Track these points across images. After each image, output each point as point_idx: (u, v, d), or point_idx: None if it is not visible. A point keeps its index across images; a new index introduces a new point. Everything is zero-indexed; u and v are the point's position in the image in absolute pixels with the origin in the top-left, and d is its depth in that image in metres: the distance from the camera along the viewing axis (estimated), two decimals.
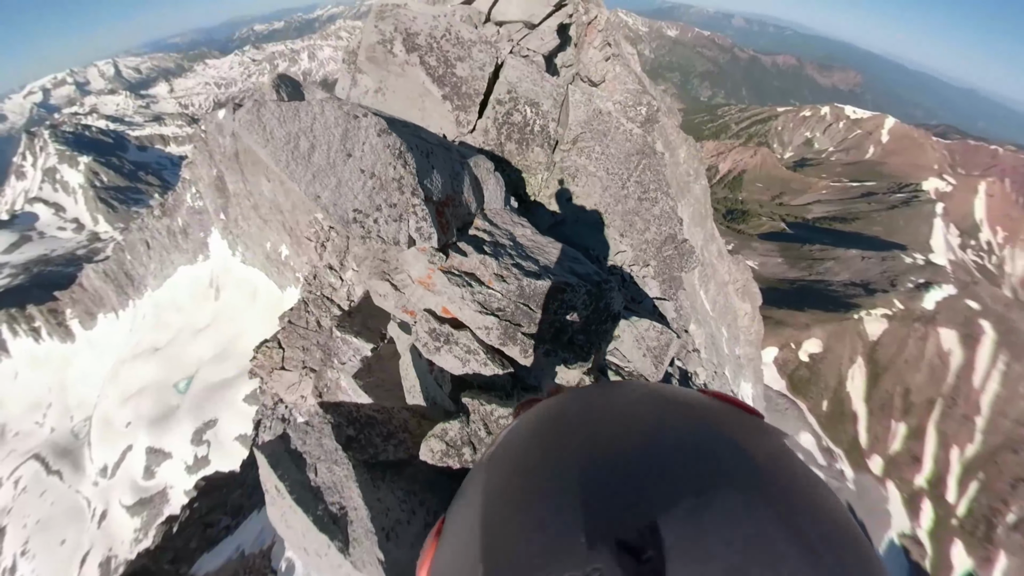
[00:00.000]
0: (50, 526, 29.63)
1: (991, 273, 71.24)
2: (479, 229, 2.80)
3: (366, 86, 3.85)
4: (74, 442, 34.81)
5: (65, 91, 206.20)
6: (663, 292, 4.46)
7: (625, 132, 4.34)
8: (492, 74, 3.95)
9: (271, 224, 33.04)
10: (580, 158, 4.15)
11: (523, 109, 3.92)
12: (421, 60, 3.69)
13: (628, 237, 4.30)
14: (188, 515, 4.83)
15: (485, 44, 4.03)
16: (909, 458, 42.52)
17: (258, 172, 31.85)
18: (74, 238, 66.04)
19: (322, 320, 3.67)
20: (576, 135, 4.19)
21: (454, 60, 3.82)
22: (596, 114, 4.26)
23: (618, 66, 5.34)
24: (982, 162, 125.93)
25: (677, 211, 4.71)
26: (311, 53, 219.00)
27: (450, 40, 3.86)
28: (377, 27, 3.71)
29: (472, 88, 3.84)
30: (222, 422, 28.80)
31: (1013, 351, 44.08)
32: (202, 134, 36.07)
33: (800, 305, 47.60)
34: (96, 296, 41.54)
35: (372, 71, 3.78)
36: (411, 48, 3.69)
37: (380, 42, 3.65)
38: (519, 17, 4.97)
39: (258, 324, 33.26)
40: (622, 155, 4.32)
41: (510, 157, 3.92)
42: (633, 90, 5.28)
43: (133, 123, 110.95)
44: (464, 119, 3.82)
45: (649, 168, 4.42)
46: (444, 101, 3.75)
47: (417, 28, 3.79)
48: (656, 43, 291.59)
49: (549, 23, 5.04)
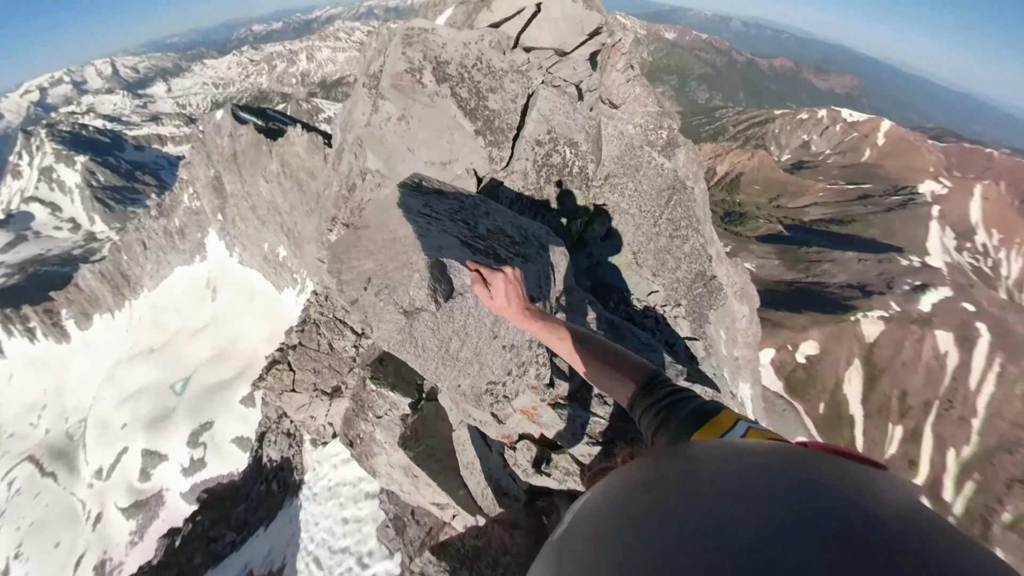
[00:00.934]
0: (44, 528, 29.39)
1: (987, 275, 71.71)
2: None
3: (388, 112, 3.68)
4: (69, 444, 34.56)
5: (62, 90, 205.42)
6: (693, 331, 4.34)
7: (656, 167, 4.25)
8: (523, 105, 3.83)
9: (269, 225, 32.93)
10: (613, 195, 4.08)
11: (562, 150, 3.78)
12: (452, 92, 3.50)
13: (660, 276, 4.22)
14: (191, 529, 4.77)
15: (517, 74, 3.89)
16: (905, 461, 42.71)
17: (256, 173, 31.77)
18: (70, 238, 65.69)
19: (334, 343, 3.60)
20: (609, 171, 4.10)
21: (486, 92, 3.66)
22: (629, 148, 4.17)
23: (638, 87, 5.22)
24: (978, 165, 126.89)
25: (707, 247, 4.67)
26: (309, 54, 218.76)
27: (481, 70, 3.70)
28: (405, 54, 3.51)
29: (505, 122, 3.69)
30: (219, 424, 28.66)
31: (1009, 353, 44.37)
32: (200, 134, 35.99)
33: (797, 307, 47.78)
34: (92, 296, 41.32)
35: (396, 98, 3.61)
36: (441, 78, 3.49)
37: (408, 71, 3.46)
38: (550, 44, 4.75)
39: (256, 325, 33.14)
40: (654, 191, 4.24)
41: (550, 200, 3.81)
42: (654, 112, 5.19)
43: (130, 123, 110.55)
44: (497, 155, 3.66)
45: (680, 204, 4.36)
46: (477, 136, 3.58)
47: (447, 56, 3.60)
48: (654, 46, 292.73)
49: (581, 51, 4.83)
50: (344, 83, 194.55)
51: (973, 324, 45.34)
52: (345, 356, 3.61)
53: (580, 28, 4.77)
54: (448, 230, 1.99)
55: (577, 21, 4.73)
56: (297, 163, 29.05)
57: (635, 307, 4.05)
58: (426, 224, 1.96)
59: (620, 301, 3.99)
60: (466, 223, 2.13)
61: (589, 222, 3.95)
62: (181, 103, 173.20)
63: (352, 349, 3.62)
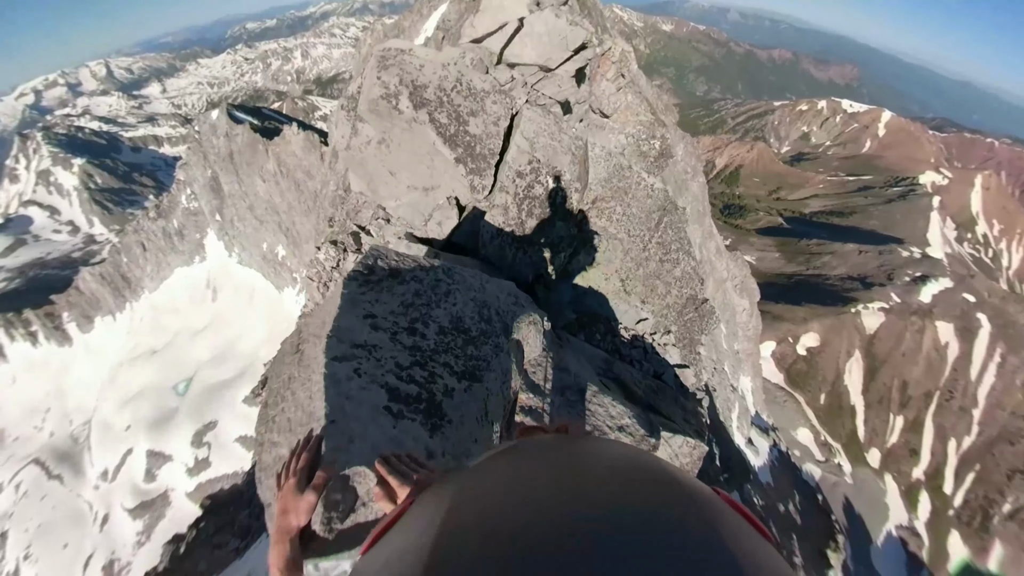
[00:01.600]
0: (52, 530, 29.61)
1: (987, 266, 71.64)
2: (523, 408, 2.33)
3: (368, 136, 3.54)
4: (74, 446, 34.73)
5: (57, 92, 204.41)
6: (683, 358, 4.16)
7: (646, 188, 4.10)
8: (507, 127, 3.68)
9: (267, 224, 32.90)
10: (600, 220, 3.91)
11: (545, 180, 3.58)
12: (431, 117, 3.36)
13: (649, 303, 4.06)
14: (195, 535, 4.77)
15: (499, 94, 3.74)
16: (907, 451, 42.87)
17: (253, 172, 31.69)
18: (69, 241, 65.65)
19: None
20: (596, 195, 3.93)
21: (466, 115, 3.51)
22: (617, 170, 4.01)
23: (630, 95, 5.05)
24: (978, 155, 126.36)
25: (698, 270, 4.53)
26: (304, 51, 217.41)
27: (461, 92, 3.55)
28: (380, 79, 3.36)
29: (487, 148, 3.53)
30: (222, 424, 28.78)
31: (1009, 343, 44.41)
32: (196, 135, 35.84)
33: (798, 299, 47.79)
34: (93, 299, 41.35)
35: (375, 121, 3.48)
36: (419, 103, 3.35)
37: (384, 96, 3.32)
38: (535, 61, 4.58)
39: (256, 325, 33.19)
40: (643, 214, 4.06)
41: (531, 234, 3.58)
42: (646, 121, 5.01)
43: (126, 124, 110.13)
44: (479, 184, 3.50)
45: (671, 226, 4.20)
46: (458, 164, 3.43)
47: (425, 79, 3.44)
48: (651, 38, 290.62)
49: (567, 67, 4.65)
50: (340, 80, 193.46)
51: (974, 315, 45.34)
52: None
53: (565, 44, 4.63)
54: (377, 378, 1.67)
55: (561, 37, 4.59)
56: (294, 162, 28.96)
57: (622, 338, 3.88)
58: (347, 380, 1.64)
59: (607, 332, 3.84)
60: (413, 328, 1.87)
61: (574, 253, 3.80)
62: (176, 103, 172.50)
63: None
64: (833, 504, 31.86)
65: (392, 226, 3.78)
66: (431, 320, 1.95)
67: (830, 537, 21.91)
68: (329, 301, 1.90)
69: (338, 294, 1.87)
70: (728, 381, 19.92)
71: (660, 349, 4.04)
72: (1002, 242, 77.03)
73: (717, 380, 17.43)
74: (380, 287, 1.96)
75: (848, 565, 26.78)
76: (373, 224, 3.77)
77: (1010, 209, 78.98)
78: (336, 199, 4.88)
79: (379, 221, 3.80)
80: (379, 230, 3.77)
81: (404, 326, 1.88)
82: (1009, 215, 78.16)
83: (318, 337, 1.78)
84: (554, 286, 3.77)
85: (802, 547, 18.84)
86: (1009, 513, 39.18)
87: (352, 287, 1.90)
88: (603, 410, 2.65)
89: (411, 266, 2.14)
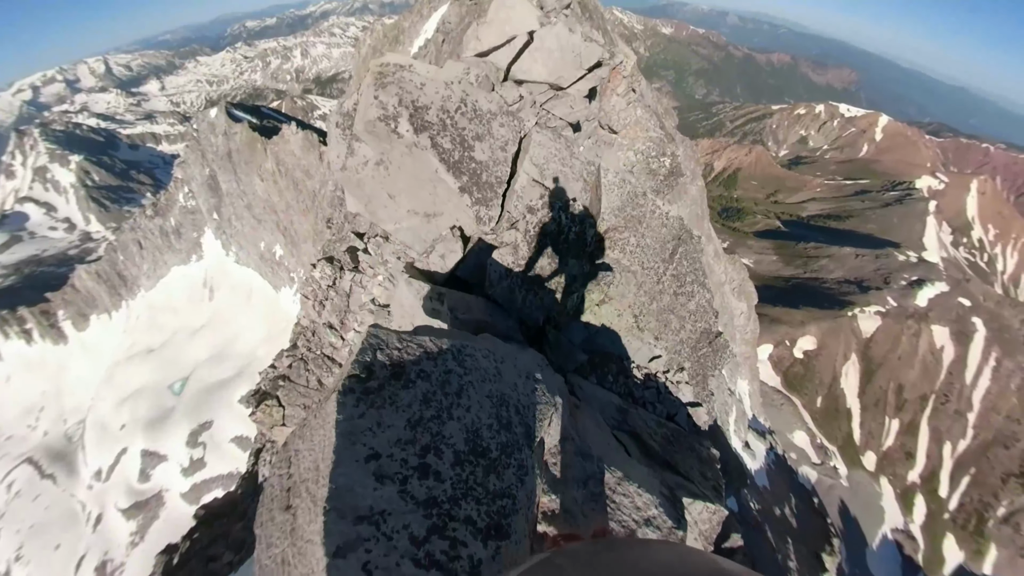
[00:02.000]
0: (45, 531, 29.37)
1: (983, 270, 72.06)
2: (546, 514, 2.02)
3: (365, 156, 3.26)
4: (68, 445, 34.49)
5: (55, 89, 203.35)
6: (696, 396, 3.96)
7: (661, 216, 3.88)
8: (515, 152, 3.42)
9: (265, 224, 32.80)
10: (614, 251, 3.72)
11: (558, 216, 3.32)
12: (433, 142, 3.10)
13: (663, 340, 3.86)
14: (189, 546, 4.73)
15: (507, 116, 3.46)
16: (902, 454, 43.03)
17: (251, 171, 31.60)
18: (66, 238, 65.26)
19: (323, 379, 3.49)
20: (609, 225, 3.71)
21: (471, 139, 3.24)
22: (631, 198, 3.78)
23: (639, 109, 4.84)
24: (974, 160, 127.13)
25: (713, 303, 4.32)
26: (304, 50, 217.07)
27: (466, 113, 3.27)
28: (378, 99, 3.08)
29: (494, 175, 3.27)
30: (218, 423, 28.63)
31: (1004, 348, 44.66)
32: (194, 133, 35.71)
33: (795, 303, 47.94)
34: (89, 297, 41.11)
35: (372, 142, 3.20)
36: (420, 127, 3.08)
37: (382, 118, 3.05)
38: (545, 79, 4.22)
39: (254, 324, 33.05)
40: (657, 244, 3.84)
41: (542, 275, 3.33)
42: (656, 137, 4.79)
43: (124, 121, 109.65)
44: (485, 215, 3.23)
45: (686, 256, 3.99)
46: (463, 194, 3.16)
47: (426, 100, 3.16)
48: (651, 41, 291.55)
49: (579, 86, 4.32)
50: (339, 79, 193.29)
51: (969, 319, 45.58)
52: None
53: (578, 62, 4.25)
54: (392, 570, 1.31)
55: (575, 54, 4.22)
56: (292, 161, 28.89)
57: (635, 378, 3.72)
58: (360, 541, 1.33)
59: (620, 372, 3.67)
60: (426, 467, 1.53)
61: (586, 289, 3.60)
62: (175, 101, 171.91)
63: None
64: (829, 507, 31.94)
65: (391, 244, 3.57)
66: (444, 445, 1.62)
67: (826, 540, 21.94)
68: (323, 424, 1.57)
69: (332, 419, 1.54)
70: (726, 385, 19.94)
71: (673, 388, 3.87)
72: (997, 247, 77.52)
73: (715, 384, 17.45)
74: (381, 398, 1.65)
75: (843, 568, 26.83)
76: (372, 241, 3.61)
77: (1005, 214, 79.50)
78: (335, 200, 4.81)
79: (377, 239, 3.61)
80: (377, 248, 3.56)
81: (414, 465, 1.53)
82: (1004, 220, 78.67)
83: (313, 499, 1.43)
84: (565, 326, 3.55)
85: (797, 550, 18.85)
86: (1004, 516, 39.36)
87: (349, 406, 1.56)
88: (628, 500, 2.40)
89: (416, 355, 1.82)
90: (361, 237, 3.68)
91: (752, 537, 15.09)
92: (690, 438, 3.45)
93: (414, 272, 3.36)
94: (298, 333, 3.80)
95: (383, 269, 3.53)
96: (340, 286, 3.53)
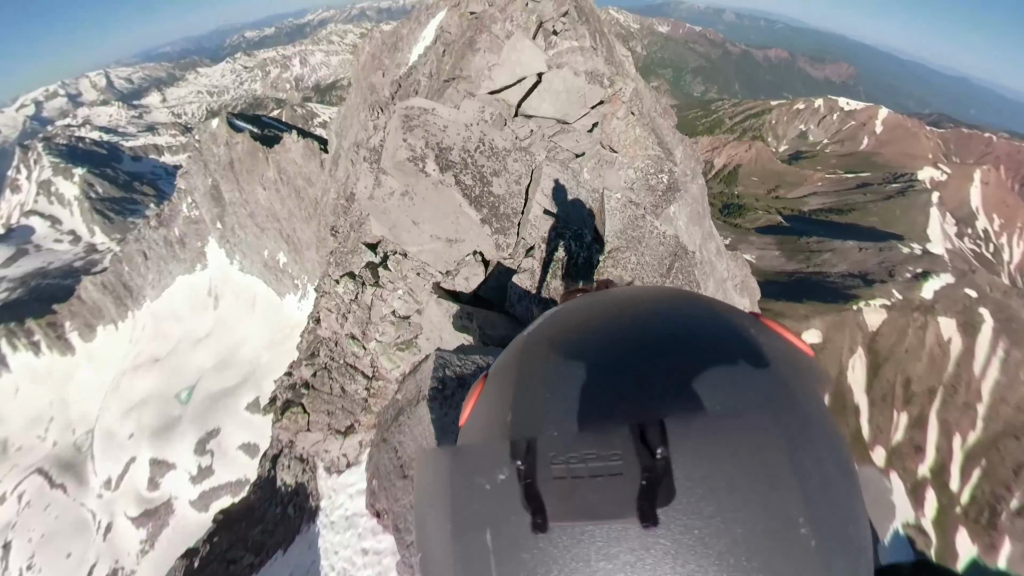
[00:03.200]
0: (55, 540, 29.57)
1: (988, 261, 71.53)
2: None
3: (391, 188, 3.67)
4: (77, 455, 34.73)
5: (57, 103, 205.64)
6: None
7: (659, 236, 4.24)
8: (528, 184, 3.85)
9: (268, 232, 33.04)
10: (616, 269, 4.03)
11: (568, 244, 3.75)
12: (456, 179, 3.48)
13: None
14: (209, 550, 4.79)
15: (520, 152, 3.89)
16: (912, 448, 42.67)
17: (253, 180, 31.86)
18: (71, 250, 65.87)
19: (346, 387, 3.72)
20: (612, 247, 4.09)
21: (490, 176, 3.65)
22: (632, 221, 4.16)
23: (639, 128, 5.20)
24: (976, 150, 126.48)
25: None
26: (303, 59, 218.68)
27: (484, 152, 3.69)
28: (407, 141, 3.47)
29: (510, 207, 3.68)
30: (225, 431, 28.77)
31: (1012, 338, 44.28)
32: (196, 143, 36.04)
33: (799, 297, 47.74)
34: (95, 308, 41.46)
35: (399, 176, 3.61)
36: (445, 166, 3.47)
37: (411, 159, 3.44)
38: (552, 115, 4.75)
39: (258, 332, 33.23)
40: (655, 261, 4.20)
41: (556, 296, 3.76)
42: (654, 156, 5.17)
43: (127, 133, 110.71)
44: (504, 242, 3.64)
45: (681, 271, 4.33)
46: (483, 225, 3.57)
47: (450, 142, 3.57)
48: (648, 40, 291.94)
49: (584, 121, 4.82)
50: (338, 86, 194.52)
51: (976, 310, 45.24)
52: (357, 398, 3.73)
53: (583, 101, 4.74)
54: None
55: (580, 95, 4.72)
56: (294, 169, 29.11)
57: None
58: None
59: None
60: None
61: None
62: (176, 112, 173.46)
63: (364, 392, 3.74)
64: None
65: (409, 260, 3.93)
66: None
67: None
68: (419, 422, 2.14)
69: (427, 418, 2.11)
70: None
71: None
72: (1003, 236, 76.95)
73: None
74: (455, 401, 2.24)
75: None
76: (392, 258, 3.89)
77: (1010, 203, 78.95)
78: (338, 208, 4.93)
79: (397, 256, 3.95)
80: (397, 265, 3.92)
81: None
82: (1009, 209, 78.13)
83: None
84: None
85: None
86: (1017, 509, 38.92)
87: (436, 408, 2.17)
88: None
89: (472, 370, 2.38)
90: (373, 248, 3.88)
91: None
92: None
93: (441, 292, 3.78)
94: (319, 343, 3.97)
95: (403, 284, 3.90)
96: (362, 300, 3.78)
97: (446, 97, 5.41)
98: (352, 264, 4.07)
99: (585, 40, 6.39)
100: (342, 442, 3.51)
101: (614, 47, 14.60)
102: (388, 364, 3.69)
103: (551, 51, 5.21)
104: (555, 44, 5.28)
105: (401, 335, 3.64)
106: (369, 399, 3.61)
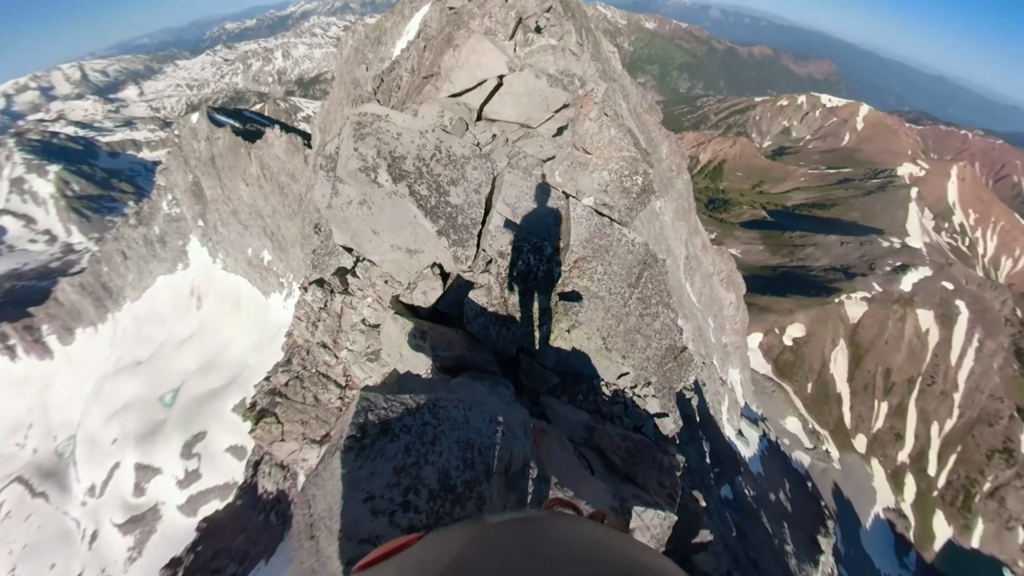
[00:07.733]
0: (38, 551, 28.78)
1: (964, 254, 73.87)
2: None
3: (349, 196, 3.50)
4: (59, 462, 33.78)
5: (29, 97, 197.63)
6: (663, 407, 4.31)
7: (627, 244, 4.12)
8: (488, 192, 3.69)
9: (252, 229, 32.37)
10: (583, 280, 3.92)
11: (527, 257, 3.61)
12: (411, 190, 3.32)
13: (630, 358, 4.10)
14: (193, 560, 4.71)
15: (480, 159, 3.69)
16: (892, 435, 44.05)
17: (235, 176, 31.15)
18: (47, 250, 63.70)
19: (319, 396, 3.64)
20: (578, 256, 3.95)
21: (447, 185, 3.47)
22: (598, 229, 4.02)
23: (613, 129, 5.04)
24: (953, 147, 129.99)
25: (677, 321, 4.54)
26: (285, 51, 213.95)
27: (441, 160, 3.50)
28: (357, 151, 3.31)
29: (469, 218, 3.51)
30: (212, 434, 28.29)
31: (987, 328, 45.89)
32: (176, 139, 35.06)
33: (783, 291, 48.69)
34: (73, 310, 40.22)
35: (355, 184, 3.45)
36: (398, 176, 3.32)
37: (362, 169, 3.29)
38: (514, 119, 4.55)
39: (244, 332, 32.65)
40: (623, 270, 4.07)
41: (514, 312, 3.60)
42: (629, 157, 5.01)
43: (103, 129, 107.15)
44: (463, 255, 3.48)
45: (651, 280, 4.21)
46: (440, 237, 3.41)
47: (403, 150, 3.40)
48: (635, 36, 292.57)
49: (548, 126, 4.65)
50: (322, 80, 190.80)
51: (952, 302, 46.73)
52: (331, 407, 3.65)
53: (545, 105, 4.58)
54: None
55: (542, 98, 4.55)
56: (277, 165, 28.54)
57: (604, 395, 4.04)
58: None
59: (590, 390, 3.99)
60: (407, 503, 2.05)
61: (556, 319, 3.86)
62: (155, 106, 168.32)
63: (338, 401, 3.66)
64: (823, 490, 32.62)
65: (377, 268, 3.81)
66: (421, 485, 2.08)
67: (820, 523, 22.42)
68: (331, 476, 2.06)
69: (339, 472, 2.03)
70: (717, 375, 20.24)
71: (640, 401, 4.17)
72: (978, 231, 79.47)
73: (707, 375, 17.69)
74: (374, 451, 2.11)
75: (839, 549, 27.47)
76: (360, 265, 3.77)
77: (985, 199, 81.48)
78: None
79: (365, 263, 3.81)
80: (365, 272, 3.77)
81: (399, 502, 2.02)
82: (984, 204, 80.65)
83: (330, 531, 1.95)
84: (538, 353, 3.83)
85: (794, 534, 19.25)
86: (989, 491, 40.52)
87: (349, 461, 2.06)
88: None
89: (399, 413, 2.25)
90: (350, 251, 3.79)
91: (748, 524, 15.35)
92: (653, 448, 3.76)
93: (399, 307, 3.63)
94: (293, 350, 3.88)
95: (372, 291, 3.73)
96: (331, 307, 3.67)
97: (424, 94, 5.28)
98: (329, 266, 3.98)
99: (571, 36, 6.31)
100: (320, 451, 3.46)
101: (600, 43, 14.59)
102: (360, 374, 3.58)
103: (526, 49, 5.03)
104: (532, 42, 5.09)
105: (371, 344, 3.53)
106: (343, 408, 3.56)
